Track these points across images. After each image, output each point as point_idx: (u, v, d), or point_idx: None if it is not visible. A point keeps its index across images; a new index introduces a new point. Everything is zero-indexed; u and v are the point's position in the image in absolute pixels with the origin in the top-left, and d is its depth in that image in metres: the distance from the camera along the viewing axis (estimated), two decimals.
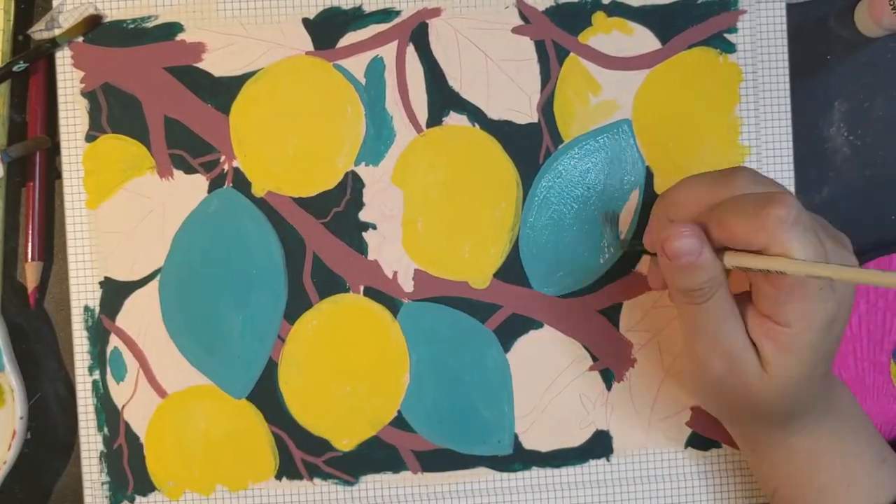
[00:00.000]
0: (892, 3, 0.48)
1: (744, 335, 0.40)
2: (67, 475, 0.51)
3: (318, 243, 0.50)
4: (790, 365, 0.39)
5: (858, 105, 0.52)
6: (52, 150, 0.51)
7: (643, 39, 0.50)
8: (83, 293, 0.49)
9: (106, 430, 0.50)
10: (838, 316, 0.39)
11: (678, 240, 0.39)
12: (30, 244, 0.50)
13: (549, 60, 0.50)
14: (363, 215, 0.50)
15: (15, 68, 0.48)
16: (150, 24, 0.49)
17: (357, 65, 0.50)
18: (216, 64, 0.50)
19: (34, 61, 0.49)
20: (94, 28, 0.49)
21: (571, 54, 0.50)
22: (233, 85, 0.50)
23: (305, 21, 0.50)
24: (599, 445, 0.51)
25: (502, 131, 0.50)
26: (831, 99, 0.52)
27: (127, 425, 0.50)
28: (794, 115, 0.51)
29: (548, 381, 0.50)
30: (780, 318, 0.38)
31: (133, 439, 0.50)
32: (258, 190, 0.50)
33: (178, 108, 0.50)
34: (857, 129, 0.52)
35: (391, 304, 0.50)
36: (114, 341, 0.50)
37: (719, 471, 0.51)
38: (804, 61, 0.52)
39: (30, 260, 0.50)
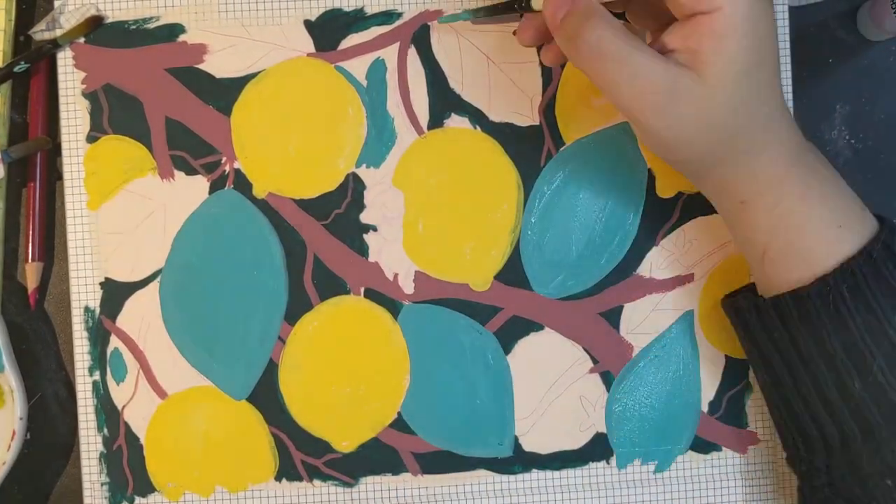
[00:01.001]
0: (894, 6, 0.48)
1: (662, 59, 0.38)
2: (67, 476, 0.51)
3: (318, 245, 0.50)
4: (731, 52, 0.37)
5: (860, 108, 0.52)
6: (53, 151, 0.51)
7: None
8: (84, 294, 0.49)
9: (106, 430, 0.50)
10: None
11: None
12: (30, 245, 0.50)
13: None
14: (364, 217, 0.50)
15: (16, 69, 0.48)
16: (151, 26, 0.49)
17: (358, 67, 0.50)
18: (218, 65, 0.50)
19: (35, 62, 0.49)
20: (95, 29, 0.49)
21: None
22: (234, 86, 0.50)
23: (307, 23, 0.50)
24: (600, 448, 0.51)
25: (503, 133, 0.50)
26: (833, 101, 0.52)
27: (127, 426, 0.50)
28: (795, 117, 0.51)
29: (548, 384, 0.50)
30: (707, 4, 0.37)
31: (133, 440, 0.50)
32: (259, 191, 0.50)
33: (179, 110, 0.50)
34: (859, 133, 0.52)
35: (392, 305, 0.50)
36: (114, 342, 0.50)
37: (719, 474, 0.51)
38: (806, 64, 0.52)
39: (30, 261, 0.50)
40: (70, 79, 0.49)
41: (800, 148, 0.42)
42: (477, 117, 0.50)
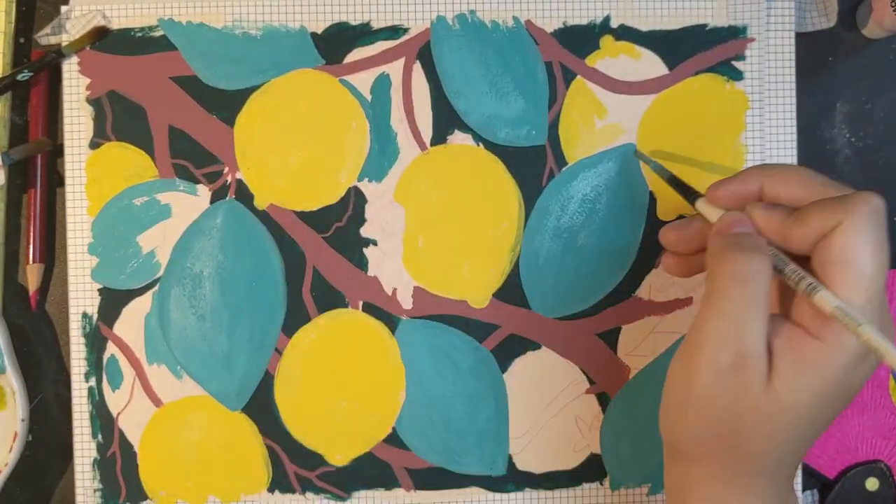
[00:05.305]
0: (893, 4, 0.48)
1: (764, 340, 0.35)
2: (68, 477, 0.51)
3: (318, 257, 0.50)
4: (800, 386, 0.34)
5: (860, 107, 0.52)
6: (54, 153, 0.51)
7: (650, 64, 0.50)
8: (82, 300, 0.50)
9: (100, 437, 0.50)
10: (867, 361, 0.35)
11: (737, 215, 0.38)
12: (31, 246, 0.50)
13: (556, 82, 0.50)
14: (364, 231, 0.50)
15: (19, 77, 0.48)
16: (157, 34, 0.49)
17: (363, 81, 0.50)
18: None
19: (39, 72, 0.49)
20: (100, 39, 0.49)
21: (578, 77, 0.50)
22: (238, 97, 0.50)
23: (313, 35, 0.50)
24: (593, 469, 0.51)
25: (506, 151, 0.50)
26: (833, 100, 0.52)
27: (121, 433, 0.50)
28: (795, 115, 0.51)
29: (544, 403, 0.50)
30: (817, 330, 0.34)
31: (127, 447, 0.50)
32: (260, 202, 0.50)
33: (182, 118, 0.50)
34: (859, 131, 0.52)
35: (389, 320, 0.50)
36: (111, 349, 0.50)
37: None
38: (806, 63, 0.51)
39: (31, 262, 0.50)
40: (74, 84, 0.49)
41: None
42: (480, 134, 0.50)
